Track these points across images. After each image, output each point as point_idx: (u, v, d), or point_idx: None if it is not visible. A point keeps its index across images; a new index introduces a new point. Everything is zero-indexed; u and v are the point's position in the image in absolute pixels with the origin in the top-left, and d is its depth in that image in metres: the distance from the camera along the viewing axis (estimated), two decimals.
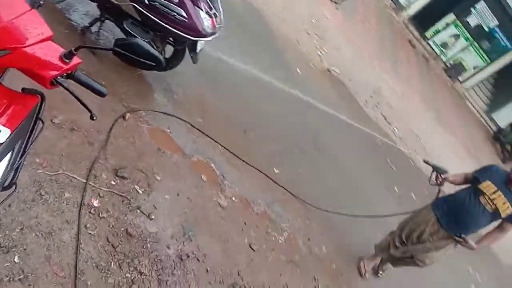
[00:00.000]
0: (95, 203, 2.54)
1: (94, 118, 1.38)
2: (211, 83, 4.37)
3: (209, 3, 3.07)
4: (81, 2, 3.48)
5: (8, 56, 1.22)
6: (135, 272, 2.45)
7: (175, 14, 2.93)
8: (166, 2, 2.89)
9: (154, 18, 2.95)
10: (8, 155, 1.37)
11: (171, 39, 3.29)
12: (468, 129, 12.63)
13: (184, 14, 2.94)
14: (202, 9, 2.99)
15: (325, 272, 3.79)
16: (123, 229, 2.57)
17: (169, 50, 3.57)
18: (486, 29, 13.67)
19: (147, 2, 2.89)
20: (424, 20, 13.59)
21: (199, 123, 3.78)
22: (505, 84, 15.44)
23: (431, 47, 13.97)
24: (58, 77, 1.31)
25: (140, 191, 2.84)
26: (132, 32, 3.07)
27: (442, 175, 3.59)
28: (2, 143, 1.29)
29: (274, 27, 6.58)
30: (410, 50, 12.82)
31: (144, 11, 2.93)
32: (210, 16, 3.06)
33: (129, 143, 3.06)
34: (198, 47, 3.26)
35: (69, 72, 1.34)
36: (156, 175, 3.04)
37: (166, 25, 2.98)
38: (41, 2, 2.04)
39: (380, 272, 4.25)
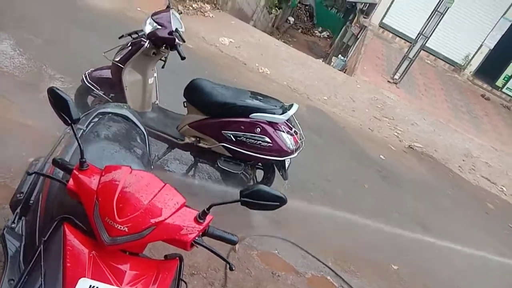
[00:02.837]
0: None
1: (233, 268, 1.41)
2: (299, 194, 4.41)
3: (287, 123, 3.25)
4: (176, 154, 3.87)
5: (153, 231, 1.33)
6: None
7: (261, 142, 3.14)
8: (250, 134, 3.13)
9: (243, 151, 3.19)
10: None
11: (260, 164, 3.47)
12: None
13: (269, 140, 3.14)
14: (283, 131, 3.17)
15: None
16: None
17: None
18: None
19: (234, 139, 3.15)
20: (489, 71, 13.16)
21: (303, 238, 3.75)
22: None
23: (507, 94, 13.28)
24: (196, 238, 1.40)
25: None
26: (226, 169, 3.31)
27: None
28: None
29: (343, 122, 6.73)
30: (485, 103, 12.24)
31: (234, 148, 3.19)
32: (291, 134, 3.22)
33: (245, 274, 3.07)
34: (286, 164, 3.38)
35: (204, 230, 1.43)
36: None
37: (255, 154, 3.19)
38: (152, 167, 2.31)
39: None
